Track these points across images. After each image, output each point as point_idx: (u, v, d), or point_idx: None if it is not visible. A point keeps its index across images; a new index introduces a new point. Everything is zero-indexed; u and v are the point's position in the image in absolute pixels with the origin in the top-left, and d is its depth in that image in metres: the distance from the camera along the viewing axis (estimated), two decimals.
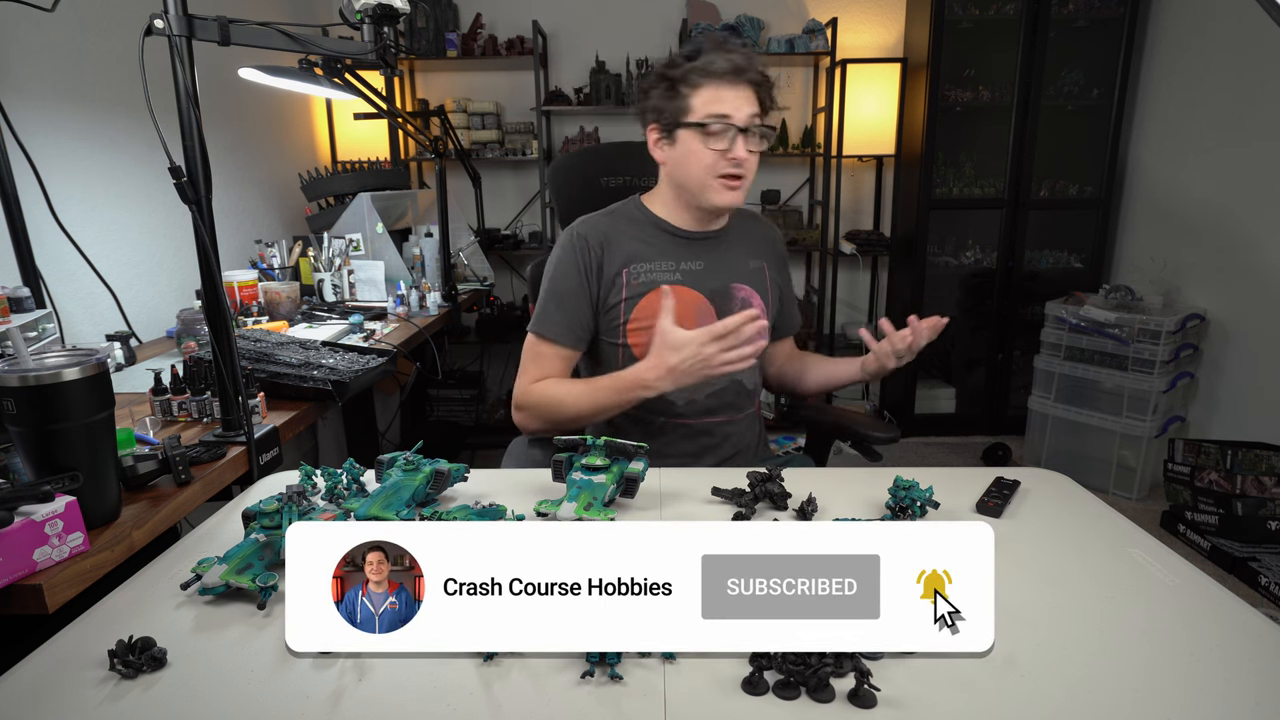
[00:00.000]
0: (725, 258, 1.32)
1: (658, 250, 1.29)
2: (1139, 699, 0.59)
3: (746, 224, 1.38)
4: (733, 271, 1.31)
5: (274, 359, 1.45)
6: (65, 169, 1.78)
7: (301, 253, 2.43)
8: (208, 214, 1.07)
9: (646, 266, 1.28)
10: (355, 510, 0.88)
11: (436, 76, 3.55)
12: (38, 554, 0.80)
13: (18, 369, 0.82)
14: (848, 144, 3.33)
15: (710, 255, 1.31)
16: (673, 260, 1.29)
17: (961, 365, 3.57)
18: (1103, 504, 0.96)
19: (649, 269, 1.28)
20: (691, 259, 1.29)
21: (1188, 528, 2.47)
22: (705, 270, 1.29)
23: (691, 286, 1.28)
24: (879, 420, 1.34)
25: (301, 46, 1.16)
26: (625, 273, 1.27)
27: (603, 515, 0.87)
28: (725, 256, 1.32)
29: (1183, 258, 2.86)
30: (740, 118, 1.17)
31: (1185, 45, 2.89)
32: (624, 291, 1.27)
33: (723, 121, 1.17)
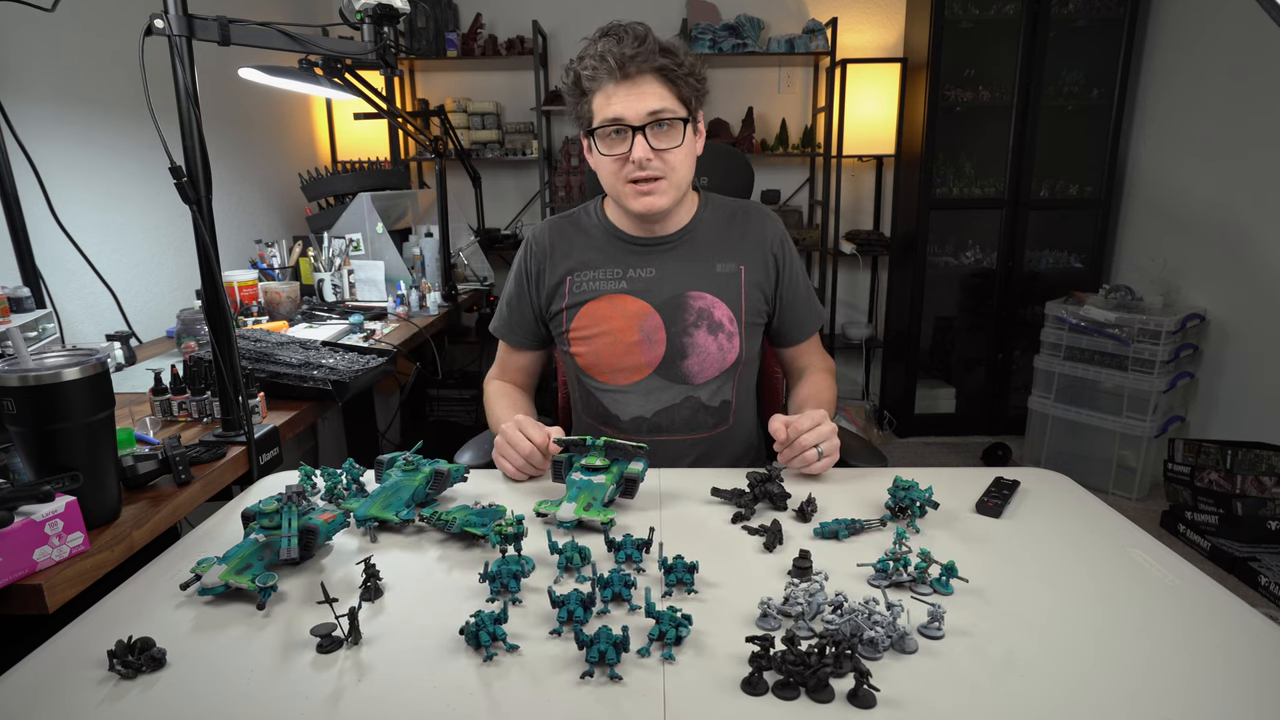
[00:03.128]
0: (683, 264, 1.21)
1: (606, 257, 1.22)
2: (1139, 699, 0.59)
3: (727, 222, 1.25)
4: (692, 280, 1.21)
5: (274, 359, 1.45)
6: (65, 169, 1.78)
7: (301, 253, 2.43)
8: (208, 214, 1.07)
9: (591, 275, 1.22)
10: (355, 510, 0.89)
11: (436, 76, 3.55)
12: (38, 554, 0.80)
13: (18, 369, 0.82)
14: (848, 144, 3.33)
15: (664, 261, 1.21)
16: (619, 268, 1.22)
17: (961, 365, 3.57)
18: (1103, 504, 0.96)
19: (593, 277, 1.22)
20: (642, 266, 1.21)
21: (1188, 528, 2.47)
22: (657, 278, 1.21)
23: (638, 296, 1.20)
24: (864, 446, 1.27)
25: (301, 46, 1.16)
26: (569, 280, 1.23)
27: (603, 515, 0.87)
28: (684, 262, 1.21)
29: (1183, 258, 2.86)
30: (635, 116, 1.07)
31: (1185, 45, 2.88)
32: (566, 299, 1.23)
33: (616, 124, 1.08)
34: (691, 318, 1.20)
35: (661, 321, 1.20)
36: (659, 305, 1.20)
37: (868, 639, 0.64)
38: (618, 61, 1.05)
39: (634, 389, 1.23)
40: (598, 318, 1.22)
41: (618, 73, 1.06)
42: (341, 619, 0.67)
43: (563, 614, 0.68)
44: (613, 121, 1.08)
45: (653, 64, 1.06)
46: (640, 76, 1.07)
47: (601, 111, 1.09)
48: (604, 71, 1.06)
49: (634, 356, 1.21)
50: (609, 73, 1.06)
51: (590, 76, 1.08)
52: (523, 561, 0.77)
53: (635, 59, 1.05)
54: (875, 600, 0.68)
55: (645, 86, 1.07)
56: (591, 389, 1.26)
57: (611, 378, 1.23)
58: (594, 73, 1.08)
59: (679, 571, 0.74)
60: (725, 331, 1.21)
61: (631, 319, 1.20)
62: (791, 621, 0.69)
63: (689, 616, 0.66)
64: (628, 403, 1.24)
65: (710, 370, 1.22)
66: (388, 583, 0.77)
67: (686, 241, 1.23)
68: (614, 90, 1.07)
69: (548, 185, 3.51)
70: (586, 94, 1.11)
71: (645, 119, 1.07)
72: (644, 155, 1.08)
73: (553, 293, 1.25)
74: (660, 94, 1.08)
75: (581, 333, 1.23)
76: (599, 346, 1.22)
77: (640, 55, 1.05)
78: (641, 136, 1.08)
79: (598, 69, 1.07)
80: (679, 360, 1.21)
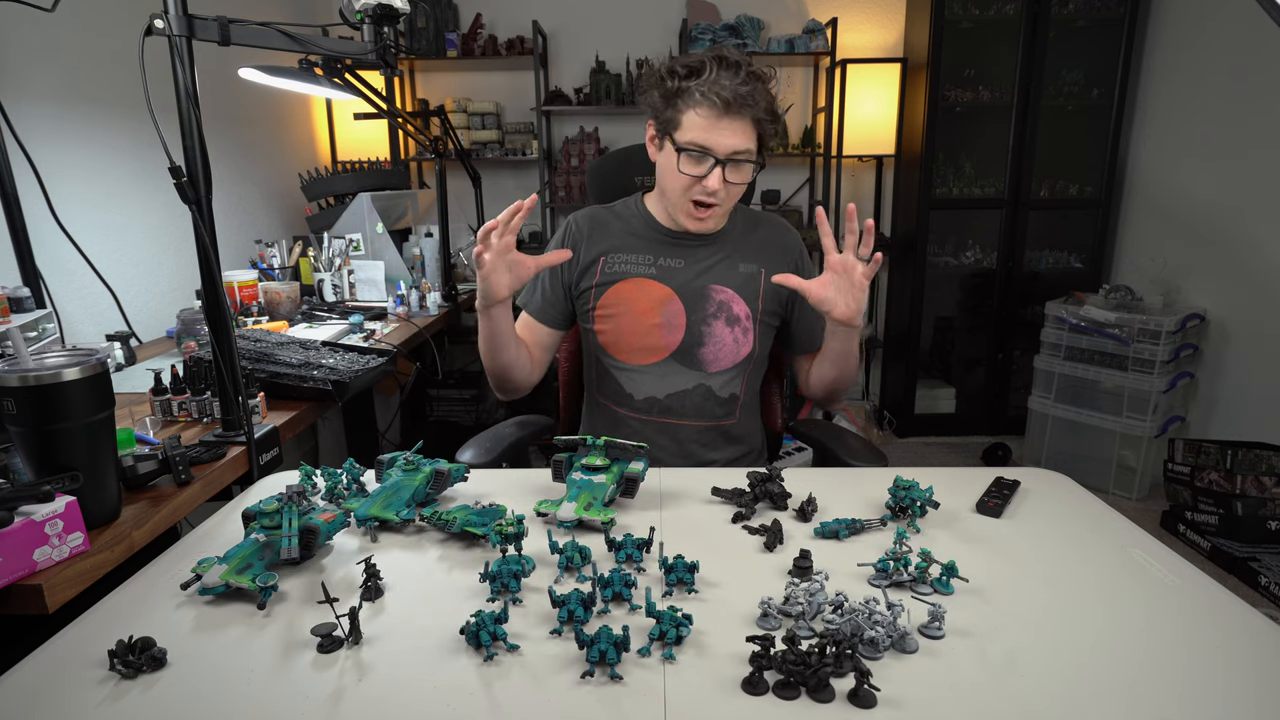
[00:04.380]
0: (711, 260, 1.28)
1: (639, 245, 1.29)
2: (1138, 699, 0.59)
3: (754, 228, 1.33)
4: (716, 274, 1.27)
5: (274, 359, 1.45)
6: (65, 169, 1.78)
7: (301, 253, 2.43)
8: (208, 214, 1.07)
9: (623, 258, 1.28)
10: (355, 510, 0.89)
11: (436, 76, 3.55)
12: (38, 554, 0.80)
13: (18, 369, 0.82)
14: (848, 144, 3.33)
15: (694, 256, 1.28)
16: (651, 255, 1.28)
17: (961, 365, 3.57)
18: (1103, 504, 0.96)
19: (624, 259, 1.28)
20: (672, 257, 1.28)
21: (1188, 528, 2.47)
22: (684, 269, 1.28)
23: (664, 282, 1.27)
24: (865, 445, 1.28)
25: (301, 46, 1.16)
26: (602, 260, 1.29)
27: (603, 515, 0.87)
28: (711, 259, 1.28)
29: (1183, 258, 2.86)
30: (723, 150, 1.13)
31: (1185, 45, 2.88)
32: (596, 278, 1.28)
33: (703, 152, 1.13)
34: (712, 308, 1.26)
35: (683, 308, 1.26)
36: (682, 293, 1.26)
37: (868, 639, 0.64)
38: (728, 97, 1.10)
39: (650, 370, 1.28)
40: (623, 298, 1.27)
41: (720, 106, 1.11)
42: (342, 619, 0.67)
43: (563, 614, 0.68)
44: (701, 148, 1.13)
45: (755, 114, 1.12)
46: (740, 117, 1.12)
47: (692, 133, 1.13)
48: (709, 101, 1.11)
49: (653, 338, 1.26)
50: (714, 102, 1.11)
51: (703, 92, 1.11)
52: (523, 561, 0.77)
53: (743, 102, 1.10)
54: (875, 600, 0.68)
55: (739, 126, 1.12)
56: (609, 367, 1.30)
57: (630, 357, 1.28)
58: (701, 98, 1.11)
59: (679, 571, 0.74)
60: (741, 326, 1.27)
61: (655, 303, 1.26)
62: (792, 621, 0.69)
63: (689, 616, 0.66)
64: (643, 383, 1.28)
65: (725, 360, 1.27)
66: (388, 583, 0.77)
67: (717, 243, 1.30)
68: (712, 119, 1.12)
69: (548, 185, 3.51)
70: (681, 105, 1.14)
71: (729, 155, 1.14)
72: (718, 187, 1.15)
73: (584, 271, 1.29)
74: (748, 135, 1.14)
75: (606, 310, 1.28)
76: (621, 325, 1.27)
77: (750, 99, 1.10)
78: (720, 170, 1.14)
79: (706, 95, 1.11)
80: (696, 347, 1.26)
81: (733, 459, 1.33)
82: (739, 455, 1.33)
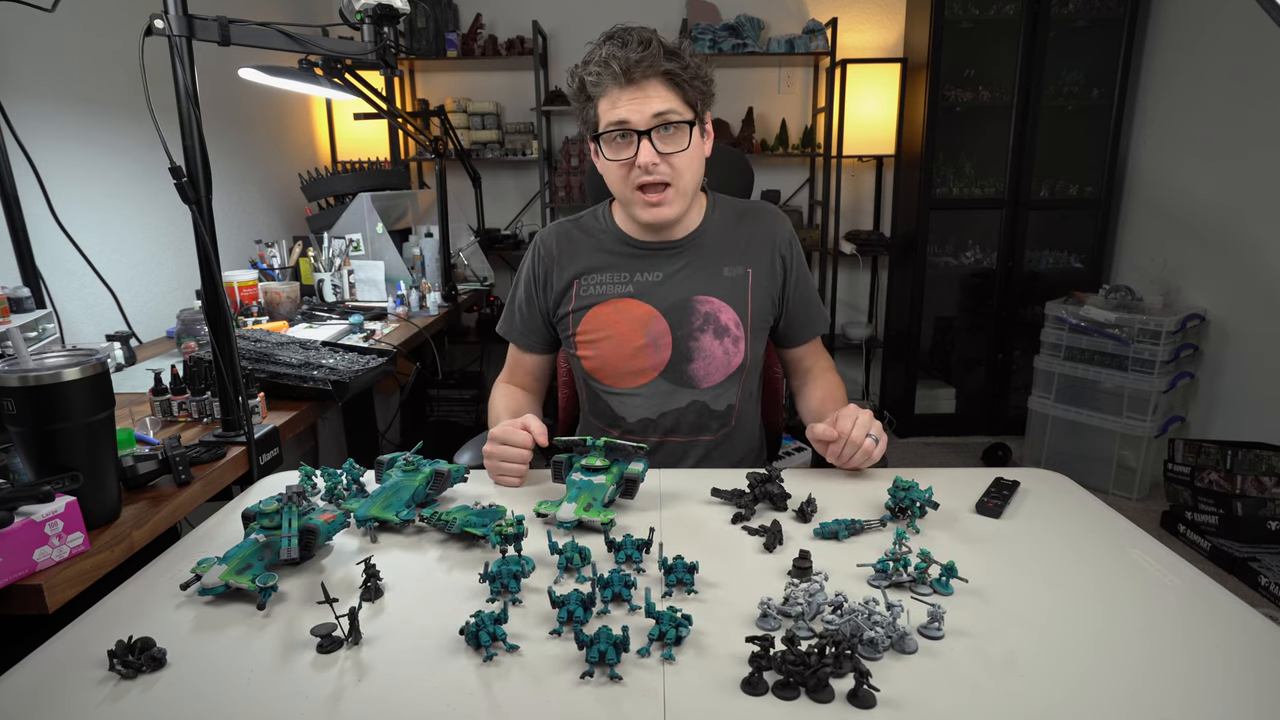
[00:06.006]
0: (690, 269, 1.21)
1: (613, 262, 1.22)
2: (1138, 699, 0.59)
3: (735, 224, 1.24)
4: (698, 283, 1.20)
5: (274, 359, 1.45)
6: (65, 169, 1.78)
7: (301, 253, 2.43)
8: (208, 214, 1.07)
9: (598, 278, 1.22)
10: (355, 511, 0.89)
11: (436, 76, 3.55)
12: (38, 554, 0.80)
13: (18, 369, 0.82)
14: (848, 144, 3.33)
15: (671, 266, 1.21)
16: (626, 272, 1.22)
17: (961, 365, 3.57)
18: (1103, 504, 0.96)
19: (599, 280, 1.22)
20: (649, 271, 1.21)
21: (1188, 528, 2.47)
22: (663, 283, 1.21)
23: (644, 300, 1.20)
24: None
25: (301, 46, 1.16)
26: (576, 284, 1.23)
27: (603, 516, 0.87)
28: (691, 267, 1.21)
29: (1183, 258, 2.86)
30: (641, 119, 1.06)
31: (1185, 45, 2.88)
32: (573, 303, 1.23)
33: (621, 128, 1.07)
34: (698, 322, 1.20)
35: (667, 326, 1.20)
36: (665, 310, 1.20)
37: (868, 639, 0.64)
38: (623, 66, 1.04)
39: (640, 392, 1.23)
40: (604, 322, 1.22)
41: (622, 77, 1.05)
42: (342, 619, 0.67)
43: (563, 614, 0.68)
44: (618, 125, 1.07)
45: (658, 68, 1.05)
46: (645, 81, 1.06)
47: (607, 115, 1.08)
48: (609, 76, 1.06)
49: (640, 360, 1.21)
50: (614, 77, 1.05)
51: (595, 82, 1.07)
52: (523, 562, 0.77)
53: (640, 64, 1.04)
54: (875, 600, 0.68)
55: (650, 90, 1.06)
56: (599, 391, 1.26)
57: (618, 381, 1.24)
58: (598, 78, 1.07)
59: (679, 572, 0.74)
60: (731, 336, 1.21)
61: (637, 323, 1.20)
62: (791, 621, 0.69)
63: (689, 616, 0.66)
64: (634, 405, 1.24)
65: (716, 375, 1.22)
66: (388, 583, 0.77)
67: (694, 246, 1.22)
68: (619, 95, 1.06)
69: (548, 185, 3.51)
70: (592, 99, 1.10)
71: (651, 122, 1.06)
72: (650, 159, 1.07)
73: (560, 296, 1.25)
74: (666, 97, 1.07)
75: (588, 336, 1.23)
76: (605, 350, 1.22)
77: (645, 60, 1.04)
78: (647, 141, 1.07)
79: (602, 74, 1.06)
80: (685, 364, 1.21)
81: (733, 462, 1.31)
82: (739, 458, 1.33)
